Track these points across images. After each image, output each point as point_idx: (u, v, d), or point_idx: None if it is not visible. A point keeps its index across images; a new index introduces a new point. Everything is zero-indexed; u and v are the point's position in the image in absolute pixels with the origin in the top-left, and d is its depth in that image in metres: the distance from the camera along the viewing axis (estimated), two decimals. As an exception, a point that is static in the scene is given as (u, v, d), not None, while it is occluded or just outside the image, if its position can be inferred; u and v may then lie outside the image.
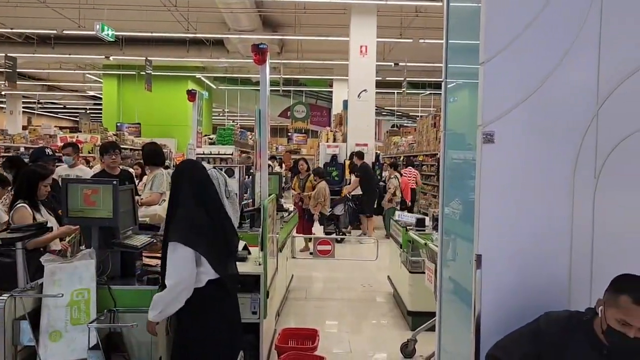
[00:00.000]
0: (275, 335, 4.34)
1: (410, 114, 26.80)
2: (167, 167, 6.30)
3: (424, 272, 4.34)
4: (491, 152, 2.34)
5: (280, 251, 5.06)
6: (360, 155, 10.74)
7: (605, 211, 2.34)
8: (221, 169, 6.22)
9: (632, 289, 1.89)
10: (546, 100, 2.34)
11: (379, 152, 14.27)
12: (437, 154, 11.12)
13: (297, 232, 7.77)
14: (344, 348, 4.67)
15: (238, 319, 2.87)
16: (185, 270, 2.55)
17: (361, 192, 10.16)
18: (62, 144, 10.24)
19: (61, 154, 6.51)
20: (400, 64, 15.53)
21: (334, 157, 12.15)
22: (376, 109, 23.87)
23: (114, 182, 3.10)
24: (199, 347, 2.66)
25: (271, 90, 22.14)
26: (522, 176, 2.37)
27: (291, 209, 6.72)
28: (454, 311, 2.90)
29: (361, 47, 11.72)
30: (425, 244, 4.20)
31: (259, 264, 3.57)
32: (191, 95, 7.27)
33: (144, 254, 3.50)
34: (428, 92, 22.71)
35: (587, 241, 2.36)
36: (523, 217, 2.37)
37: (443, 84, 2.98)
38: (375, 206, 10.68)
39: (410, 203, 11.00)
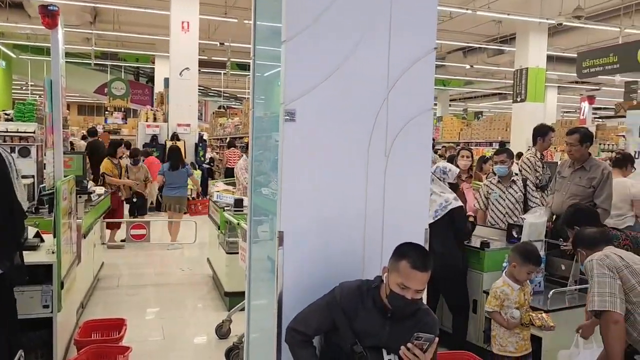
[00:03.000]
0: (76, 328, 3.97)
1: (238, 95, 26.66)
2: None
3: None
4: (292, 130, 2.39)
5: (85, 237, 4.63)
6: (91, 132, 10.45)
7: (393, 187, 2.55)
8: (13, 149, 5.47)
9: (410, 255, 2.08)
10: (344, 81, 2.45)
11: (203, 132, 13.95)
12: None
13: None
14: (157, 336, 4.47)
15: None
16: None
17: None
18: None
19: None
20: (225, 43, 15.28)
21: (155, 138, 11.55)
22: (202, 90, 23.38)
23: None
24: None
25: (83, 63, 20.24)
26: (322, 154, 2.45)
27: (101, 192, 6.18)
28: (268, 289, 2.93)
29: (183, 22, 11.24)
30: (238, 223, 4.19)
31: (53, 252, 3.21)
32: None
33: None
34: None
35: (379, 215, 2.55)
36: (323, 194, 2.46)
37: (251, 62, 2.96)
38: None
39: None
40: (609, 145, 13.86)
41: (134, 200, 8.24)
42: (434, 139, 16.84)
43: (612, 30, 12.59)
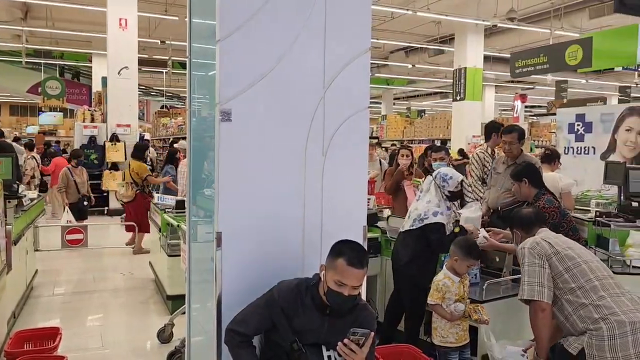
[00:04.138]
0: (7, 340, 3.78)
1: (181, 95, 26.10)
2: None
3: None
4: (228, 130, 2.37)
5: (15, 244, 4.41)
6: None
7: (330, 186, 2.58)
8: None
9: (346, 252, 2.12)
10: (280, 81, 2.46)
11: (144, 133, 13.58)
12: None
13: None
14: (95, 343, 4.32)
15: None
16: None
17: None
18: None
19: None
20: (166, 42, 14.93)
21: (93, 139, 11.13)
22: (144, 89, 22.75)
23: None
24: None
25: (14, 61, 19.23)
26: (259, 154, 2.45)
27: (33, 196, 5.90)
28: (210, 291, 2.89)
29: (120, 20, 10.88)
30: (179, 225, 4.12)
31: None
32: None
33: None
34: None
35: (317, 213, 2.58)
36: (261, 194, 2.46)
37: (187, 61, 2.91)
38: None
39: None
40: (542, 141, 14.55)
41: (85, 203, 8.03)
42: (378, 137, 17.14)
43: (543, 32, 13.21)
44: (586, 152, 8.75)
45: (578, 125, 8.91)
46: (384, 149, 14.17)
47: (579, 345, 2.37)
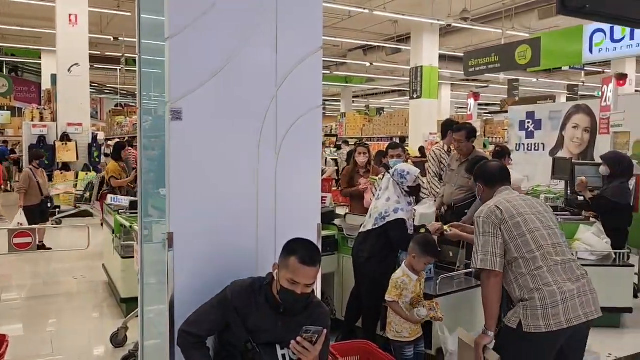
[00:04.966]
0: (-51, 350, 3.61)
1: (137, 93, 25.47)
2: None
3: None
4: (179, 129, 2.34)
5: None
6: None
7: (284, 184, 2.58)
8: None
9: (298, 250, 2.12)
10: (232, 79, 2.44)
11: (97, 132, 13.21)
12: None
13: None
14: (45, 350, 4.18)
15: None
16: None
17: None
18: None
19: None
20: (119, 38, 14.55)
21: (42, 139, 10.75)
22: (97, 87, 22.09)
23: None
24: None
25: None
26: (211, 153, 2.43)
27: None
28: (164, 293, 2.84)
29: (70, 15, 10.53)
30: (131, 226, 4.04)
31: None
32: None
33: None
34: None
35: (271, 212, 2.57)
36: (213, 193, 2.44)
37: (137, 58, 2.85)
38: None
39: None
40: (496, 138, 14.96)
41: (49, 204, 7.79)
42: (336, 135, 17.22)
43: (495, 32, 13.57)
44: (536, 148, 9.07)
45: (528, 122, 9.23)
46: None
47: (516, 319, 2.46)
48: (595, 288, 2.56)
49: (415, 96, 14.91)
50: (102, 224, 6.61)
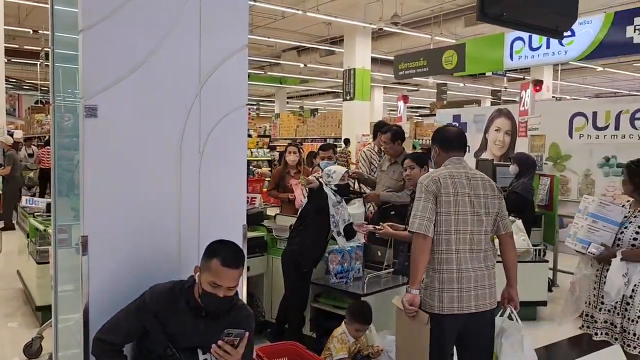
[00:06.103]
0: None
1: (59, 89, 24.17)
2: None
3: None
4: (94, 126, 2.23)
5: None
6: None
7: (208, 185, 2.51)
8: None
9: (220, 252, 2.07)
10: (152, 76, 2.35)
11: (15, 130, 12.42)
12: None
13: None
14: (-51, 365, 3.86)
15: None
16: None
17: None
18: None
19: None
20: (39, 31, 13.74)
21: (-50, 136, 9.94)
22: (14, 82, 20.76)
23: None
24: None
25: None
26: (129, 152, 2.33)
27: None
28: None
29: (-17, 5, 9.83)
30: (45, 230, 3.81)
31: None
32: None
33: None
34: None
35: (195, 212, 2.50)
36: (132, 195, 2.34)
37: (50, 52, 2.69)
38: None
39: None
40: (426, 140, 15.42)
41: None
42: (270, 136, 17.13)
43: (424, 37, 13.99)
44: (462, 150, 9.40)
45: (455, 125, 9.58)
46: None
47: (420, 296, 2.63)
48: (495, 282, 2.68)
49: (348, 98, 15.10)
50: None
